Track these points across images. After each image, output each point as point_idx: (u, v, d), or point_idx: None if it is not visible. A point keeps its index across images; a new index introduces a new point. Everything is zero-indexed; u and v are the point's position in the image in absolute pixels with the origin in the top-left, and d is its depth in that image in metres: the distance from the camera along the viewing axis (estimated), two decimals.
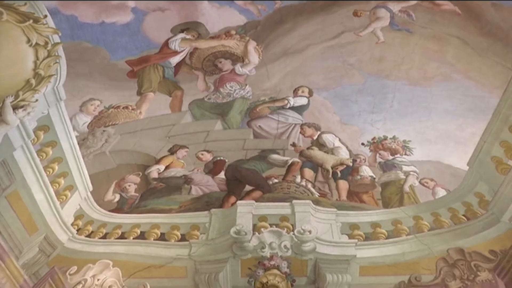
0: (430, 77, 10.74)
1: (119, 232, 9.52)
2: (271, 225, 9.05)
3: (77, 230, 9.35)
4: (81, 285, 7.60)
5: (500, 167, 8.65)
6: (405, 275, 8.11)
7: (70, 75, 8.33)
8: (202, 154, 11.45)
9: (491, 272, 7.34)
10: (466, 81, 10.43)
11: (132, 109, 11.01)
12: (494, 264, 7.32)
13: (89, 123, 10.70)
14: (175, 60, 11.12)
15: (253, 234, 8.78)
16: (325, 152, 11.41)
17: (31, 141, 7.75)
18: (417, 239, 8.94)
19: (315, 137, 11.71)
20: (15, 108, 7.01)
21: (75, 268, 7.80)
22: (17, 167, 7.58)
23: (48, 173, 8.44)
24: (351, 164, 11.24)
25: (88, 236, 9.42)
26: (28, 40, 7.06)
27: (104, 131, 10.79)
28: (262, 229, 8.87)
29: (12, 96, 6.99)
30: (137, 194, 10.86)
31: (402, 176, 10.92)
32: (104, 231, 9.57)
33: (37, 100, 7.36)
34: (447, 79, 10.65)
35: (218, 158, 11.38)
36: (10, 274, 6.69)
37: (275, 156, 11.45)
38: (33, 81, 7.22)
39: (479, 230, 8.58)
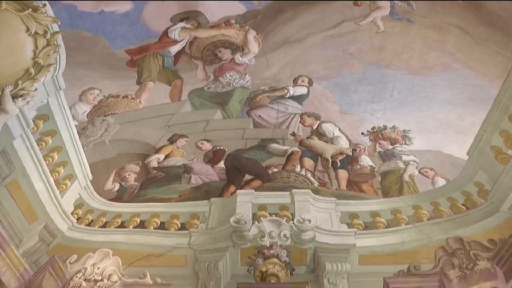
0: (430, 66, 10.72)
1: (119, 221, 9.54)
2: (270, 214, 9.06)
3: (77, 219, 9.36)
4: (81, 274, 7.61)
5: (499, 157, 8.66)
6: (404, 264, 8.11)
7: (70, 64, 8.30)
8: (202, 144, 11.45)
9: (490, 261, 7.34)
10: (466, 70, 10.40)
11: (132, 98, 11.00)
12: (493, 253, 7.32)
13: (89, 112, 10.68)
14: (174, 49, 11.09)
15: (253, 223, 8.80)
16: (324, 141, 11.41)
17: (30, 130, 7.73)
18: (417, 228, 8.96)
19: (314, 127, 11.70)
20: (14, 97, 7.00)
21: (75, 256, 7.81)
22: (17, 156, 7.58)
23: (47, 162, 8.44)
24: (350, 154, 11.24)
25: (88, 225, 9.44)
26: (27, 29, 7.04)
27: (103, 120, 10.78)
28: (261, 218, 8.88)
29: (11, 85, 6.98)
30: (137, 183, 10.87)
31: (401, 165, 10.93)
32: (104, 220, 9.59)
33: (36, 89, 7.35)
34: (447, 68, 10.63)
35: (218, 148, 11.38)
36: (10, 263, 6.70)
37: (274, 145, 11.45)
38: (32, 70, 7.21)
39: (478, 220, 8.60)
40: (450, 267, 7.57)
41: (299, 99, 11.68)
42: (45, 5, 7.20)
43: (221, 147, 11.36)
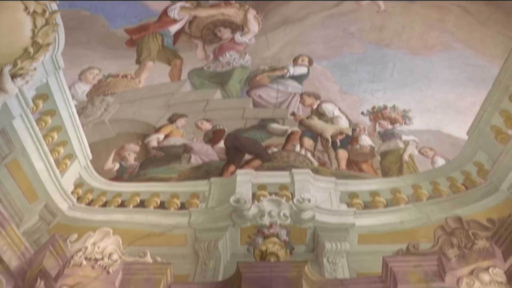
0: (430, 46, 10.68)
1: (119, 200, 9.56)
2: (270, 194, 9.08)
3: (77, 199, 9.38)
4: (81, 253, 7.62)
5: (499, 137, 8.65)
6: (403, 243, 8.14)
7: (69, 43, 8.26)
8: (202, 123, 11.45)
9: (488, 241, 7.36)
10: (467, 50, 10.37)
11: (131, 78, 10.97)
12: (491, 233, 7.34)
13: (88, 92, 10.67)
14: (174, 28, 11.05)
15: (253, 202, 8.82)
16: (324, 121, 11.40)
17: (30, 109, 7.72)
18: (416, 207, 8.99)
19: (314, 106, 11.68)
20: (13, 76, 6.97)
21: (75, 235, 7.82)
22: (17, 135, 7.58)
23: (47, 141, 8.43)
24: (350, 134, 11.25)
25: (88, 204, 9.46)
26: (26, 8, 6.97)
27: (103, 100, 10.77)
28: (261, 198, 8.90)
29: (10, 64, 6.95)
30: (137, 163, 10.88)
31: (401, 145, 10.94)
32: (104, 199, 9.61)
33: (35, 68, 7.31)
34: (447, 48, 10.59)
35: (218, 127, 11.37)
36: (11, 242, 6.71)
37: (274, 125, 11.45)
38: (31, 50, 7.16)
39: (477, 199, 8.62)
40: (449, 246, 7.60)
41: (299, 78, 11.65)
42: None
43: (221, 127, 11.36)
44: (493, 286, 7.30)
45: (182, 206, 9.38)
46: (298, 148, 11.03)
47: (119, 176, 10.59)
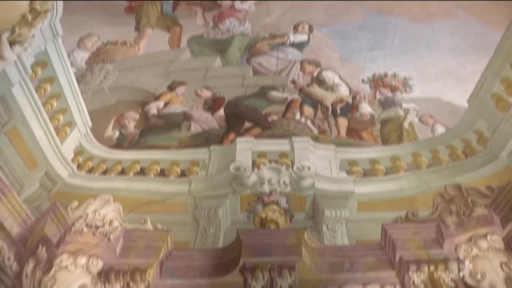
0: (432, 13, 10.59)
1: (119, 168, 9.58)
2: (270, 162, 9.09)
3: (77, 166, 9.40)
4: (82, 220, 7.67)
5: (500, 104, 8.63)
6: (402, 210, 8.19)
7: (67, 10, 8.18)
8: (201, 91, 11.40)
9: (487, 208, 7.40)
10: (469, 17, 10.28)
11: (130, 45, 10.91)
12: (490, 200, 7.38)
13: (87, 59, 10.61)
14: None
15: (253, 170, 8.84)
16: (325, 89, 11.36)
17: (29, 77, 7.69)
18: (415, 175, 9.01)
19: (315, 74, 11.62)
20: (11, 43, 6.92)
21: (76, 203, 7.86)
22: (16, 103, 7.56)
23: (47, 109, 8.41)
24: (350, 101, 11.21)
25: (89, 172, 9.48)
26: None
27: (102, 67, 10.71)
28: (261, 166, 8.92)
29: (8, 31, 6.89)
30: (137, 131, 10.87)
31: (401, 113, 10.91)
32: (104, 167, 9.63)
33: (33, 35, 7.26)
34: (449, 15, 10.49)
35: (218, 95, 11.33)
36: (12, 209, 6.74)
37: (274, 93, 11.41)
38: (29, 16, 7.09)
39: (477, 167, 8.64)
40: (448, 213, 7.63)
41: (299, 46, 11.57)
42: None
43: (221, 95, 11.32)
44: (491, 253, 7.35)
45: (182, 174, 9.40)
46: (298, 116, 11.00)
47: (119, 144, 10.59)
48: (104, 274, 7.83)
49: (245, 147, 9.49)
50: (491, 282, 7.28)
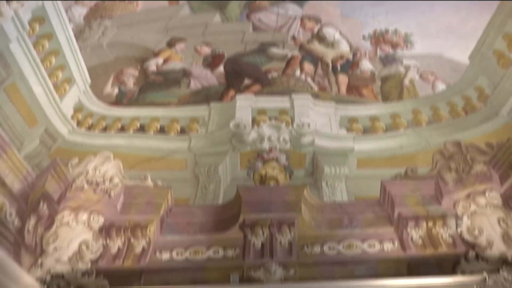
0: None
1: (119, 125, 9.57)
2: (270, 119, 9.09)
3: (77, 123, 9.39)
4: (83, 176, 7.71)
5: (501, 61, 8.58)
6: (401, 167, 8.23)
7: None
8: (201, 48, 11.29)
9: (486, 165, 7.43)
10: None
11: (129, 1, 10.75)
12: (489, 157, 7.40)
13: (85, 15, 10.48)
14: None
15: (252, 127, 8.84)
16: (325, 45, 11.26)
17: (26, 33, 7.61)
18: (415, 132, 9.02)
19: (315, 31, 11.49)
20: None
21: (76, 159, 7.88)
22: (14, 59, 7.51)
23: (45, 66, 8.36)
24: (351, 58, 11.13)
25: (88, 129, 9.48)
26: None
27: (100, 23, 10.59)
28: (261, 123, 8.92)
29: None
30: (136, 88, 10.82)
31: (402, 70, 10.84)
32: (104, 124, 9.62)
33: None
34: None
35: (217, 52, 11.24)
36: (12, 165, 6.77)
37: (274, 49, 11.30)
38: None
39: (477, 124, 8.65)
40: (447, 170, 7.66)
41: (299, 1, 11.41)
42: None
43: (220, 51, 11.22)
44: (489, 209, 7.41)
45: (182, 131, 9.41)
46: (298, 72, 10.93)
47: (118, 101, 10.53)
48: (105, 230, 7.91)
49: (245, 104, 9.48)
50: (488, 238, 7.36)
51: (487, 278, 7.13)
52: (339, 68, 10.98)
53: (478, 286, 7.13)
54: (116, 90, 10.71)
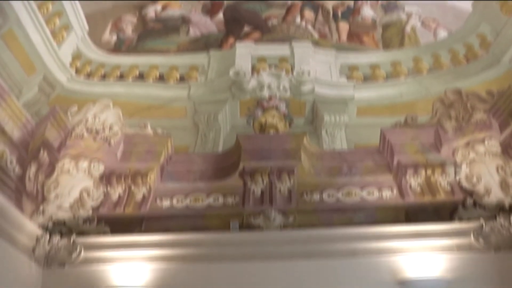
0: None
1: (118, 72, 9.50)
2: (270, 66, 9.03)
3: (76, 71, 9.33)
4: (82, 124, 7.72)
5: (504, 8, 8.46)
6: (402, 115, 8.23)
7: None
8: None
9: (486, 113, 7.43)
10: None
11: None
12: (490, 105, 7.39)
13: None
14: None
15: (252, 75, 8.79)
16: None
17: None
18: (416, 81, 8.97)
19: None
20: None
21: (75, 107, 7.88)
22: (10, 5, 7.38)
23: (42, 12, 8.23)
24: (352, 5, 10.97)
25: (87, 77, 9.42)
26: None
27: None
28: (261, 70, 8.86)
29: None
30: (134, 35, 10.70)
31: (404, 17, 10.69)
32: (103, 71, 9.54)
33: None
34: None
35: None
36: (12, 113, 6.78)
37: None
38: None
39: (478, 71, 8.58)
40: (447, 118, 7.68)
41: None
42: None
43: None
44: (488, 157, 7.47)
45: (182, 79, 9.35)
46: (298, 20, 10.79)
47: (117, 49, 10.42)
48: (106, 178, 7.99)
49: (244, 52, 9.39)
50: (486, 185, 7.43)
51: (484, 224, 7.25)
52: (340, 15, 10.82)
53: (475, 232, 7.25)
54: (114, 38, 10.58)
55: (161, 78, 9.39)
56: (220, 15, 10.81)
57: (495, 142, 7.35)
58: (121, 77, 9.44)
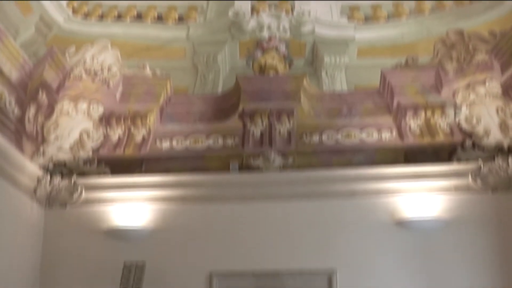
0: None
1: (116, 12, 9.36)
2: (270, 6, 8.89)
3: (73, 11, 9.18)
4: (81, 65, 7.67)
5: None
6: (402, 57, 8.17)
7: None
8: None
9: (488, 54, 7.37)
10: None
11: None
12: (492, 46, 7.32)
13: None
14: None
15: (252, 15, 8.67)
16: None
17: None
18: (417, 21, 8.85)
19: None
20: None
21: (73, 48, 7.80)
22: None
23: None
24: None
25: (84, 17, 9.28)
26: None
27: None
28: (260, 11, 8.74)
29: None
30: None
31: None
32: (100, 11, 9.39)
33: None
34: None
35: None
36: (9, 54, 6.72)
37: None
38: None
39: (480, 12, 8.44)
40: (448, 59, 7.63)
41: None
42: None
43: None
44: (488, 98, 7.45)
45: (180, 19, 9.22)
46: None
47: None
48: (105, 119, 7.99)
49: None
50: (485, 126, 7.45)
51: (482, 166, 7.30)
52: None
53: (473, 173, 7.31)
54: None
55: (160, 18, 9.25)
56: None
57: (496, 84, 7.32)
58: (119, 17, 9.30)
